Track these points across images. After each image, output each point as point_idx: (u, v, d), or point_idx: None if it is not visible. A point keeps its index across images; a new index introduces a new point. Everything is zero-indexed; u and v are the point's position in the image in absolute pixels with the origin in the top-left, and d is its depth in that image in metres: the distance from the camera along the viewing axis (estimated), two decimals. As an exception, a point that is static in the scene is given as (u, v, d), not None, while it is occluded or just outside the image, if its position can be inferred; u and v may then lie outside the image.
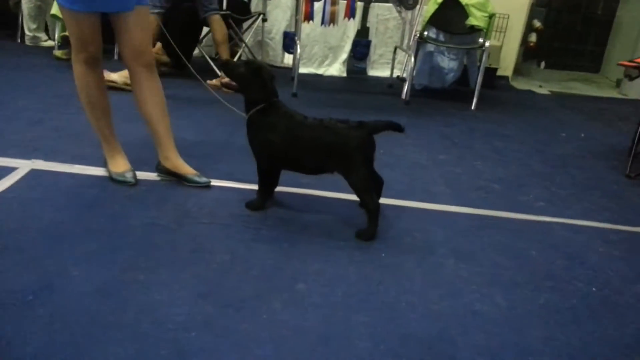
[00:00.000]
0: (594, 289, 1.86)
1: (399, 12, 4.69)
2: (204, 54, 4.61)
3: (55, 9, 4.37)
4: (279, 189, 2.28)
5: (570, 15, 6.21)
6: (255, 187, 2.24)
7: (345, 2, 4.14)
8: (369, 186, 2.05)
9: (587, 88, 5.70)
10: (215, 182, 2.40)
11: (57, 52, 4.64)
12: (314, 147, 2.02)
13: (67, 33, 3.65)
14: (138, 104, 2.30)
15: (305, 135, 2.02)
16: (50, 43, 5.11)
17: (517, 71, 5.73)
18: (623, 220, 2.45)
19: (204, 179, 2.37)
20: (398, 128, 2.06)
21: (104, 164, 2.40)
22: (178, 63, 4.04)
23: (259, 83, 2.06)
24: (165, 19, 3.94)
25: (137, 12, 2.12)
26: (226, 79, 2.14)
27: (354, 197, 2.10)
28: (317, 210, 2.26)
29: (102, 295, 1.59)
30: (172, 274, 1.73)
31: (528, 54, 6.07)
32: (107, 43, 2.23)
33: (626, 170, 3.03)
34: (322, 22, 4.09)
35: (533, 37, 5.90)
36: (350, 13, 4.22)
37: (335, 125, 2.00)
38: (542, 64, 6.39)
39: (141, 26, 2.16)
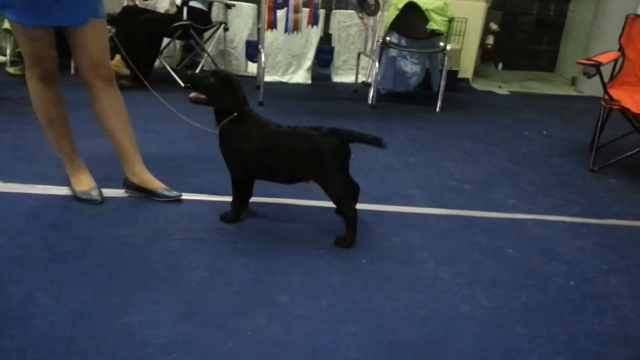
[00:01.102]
0: (571, 282, 1.90)
1: (361, 18, 4.72)
2: (165, 65, 4.51)
3: (7, 24, 4.19)
4: (253, 199, 2.24)
5: (525, 17, 6.40)
6: (228, 198, 2.19)
7: (308, 9, 4.13)
8: (345, 193, 2.03)
9: (544, 87, 5.88)
10: (186, 196, 2.33)
11: (10, 69, 4.44)
12: (288, 155, 1.99)
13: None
14: (99, 118, 2.22)
15: (279, 143, 1.99)
16: (2, 59, 4.89)
17: (477, 73, 5.85)
18: (591, 213, 2.51)
19: (174, 193, 2.30)
20: (378, 143, 2.01)
21: (67, 183, 2.30)
22: (138, 75, 3.93)
23: (229, 92, 2.01)
24: (125, 32, 3.84)
25: (93, 25, 2.03)
26: (193, 93, 2.07)
27: (329, 204, 2.07)
28: (293, 219, 2.23)
29: (77, 321, 1.51)
30: (149, 294, 1.66)
31: (486, 56, 6.20)
32: (62, 57, 2.14)
33: (589, 164, 3.13)
34: (286, 30, 4.05)
35: (490, 40, 6.03)
36: (314, 20, 4.20)
37: (309, 133, 1.98)
38: (500, 65, 6.54)
39: (97, 39, 2.07)
